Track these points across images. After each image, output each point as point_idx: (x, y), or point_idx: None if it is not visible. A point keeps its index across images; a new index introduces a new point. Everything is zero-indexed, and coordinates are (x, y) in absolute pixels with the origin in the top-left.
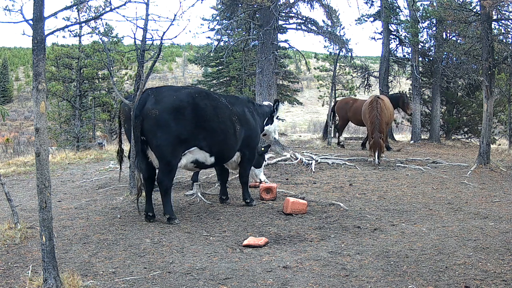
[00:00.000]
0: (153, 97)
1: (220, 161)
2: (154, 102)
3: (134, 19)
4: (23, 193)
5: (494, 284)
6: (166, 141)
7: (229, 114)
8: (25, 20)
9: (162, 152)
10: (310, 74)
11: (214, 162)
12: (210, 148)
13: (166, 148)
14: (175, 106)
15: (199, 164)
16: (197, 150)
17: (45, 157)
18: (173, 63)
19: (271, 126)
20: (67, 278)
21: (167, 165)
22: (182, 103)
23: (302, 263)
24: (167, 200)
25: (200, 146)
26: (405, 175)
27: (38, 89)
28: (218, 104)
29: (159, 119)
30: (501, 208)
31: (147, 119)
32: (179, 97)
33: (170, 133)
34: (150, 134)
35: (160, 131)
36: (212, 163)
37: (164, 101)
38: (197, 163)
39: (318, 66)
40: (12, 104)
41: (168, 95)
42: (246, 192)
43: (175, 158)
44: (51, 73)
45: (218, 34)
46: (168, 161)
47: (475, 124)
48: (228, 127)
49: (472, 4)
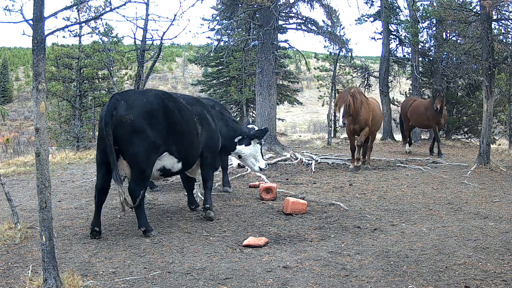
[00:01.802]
0: (123, 102)
1: (186, 167)
2: (127, 108)
3: (134, 19)
4: (23, 193)
5: (494, 284)
6: (143, 149)
7: (191, 115)
8: (25, 20)
9: (138, 161)
10: (310, 74)
11: (180, 169)
12: (179, 153)
13: (142, 156)
14: (148, 110)
15: (166, 172)
16: (166, 156)
17: (45, 157)
18: (173, 63)
19: (247, 149)
20: (67, 278)
21: (141, 174)
22: (154, 106)
23: (302, 263)
24: (141, 211)
25: (170, 151)
26: (405, 175)
27: (38, 89)
28: (181, 105)
29: (135, 125)
30: (501, 208)
31: (120, 126)
32: (149, 100)
33: (147, 139)
34: (125, 142)
35: (137, 138)
36: (179, 170)
37: (136, 105)
38: (164, 171)
39: (318, 66)
40: (12, 104)
41: (138, 99)
42: (208, 198)
43: (150, 167)
44: (51, 73)
45: (218, 34)
46: (143, 169)
47: (475, 124)
48: (192, 129)
49: (472, 4)
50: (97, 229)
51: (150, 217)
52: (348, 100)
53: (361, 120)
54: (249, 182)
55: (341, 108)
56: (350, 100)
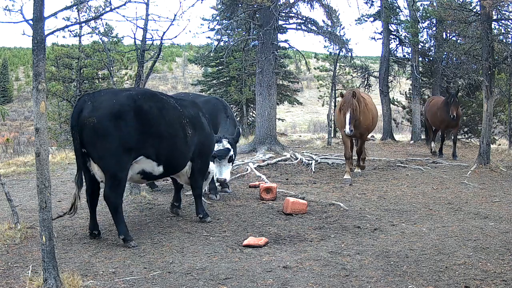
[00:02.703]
0: (90, 103)
1: (170, 171)
2: (92, 109)
3: (134, 19)
4: (23, 193)
5: (494, 284)
6: (109, 152)
7: (178, 117)
8: (25, 20)
9: (106, 165)
10: (310, 74)
11: (163, 172)
12: (158, 156)
13: (109, 159)
14: (114, 112)
15: (147, 175)
16: (143, 160)
17: (45, 157)
18: (173, 63)
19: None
20: (67, 278)
21: (113, 179)
22: (123, 107)
23: (302, 263)
24: (118, 218)
25: (147, 155)
26: (405, 175)
27: (38, 89)
28: (164, 105)
29: (98, 128)
30: (501, 208)
31: (85, 129)
32: (119, 100)
33: (112, 142)
34: (90, 145)
35: (101, 141)
36: (161, 173)
37: (102, 106)
38: (144, 174)
39: (318, 66)
40: (12, 104)
41: (106, 100)
42: (200, 206)
43: (121, 171)
44: (51, 73)
45: (218, 34)
46: (114, 173)
47: (475, 124)
48: (177, 132)
49: (472, 4)
50: (96, 232)
51: (150, 217)
52: (354, 104)
53: (363, 125)
54: (249, 182)
55: (347, 113)
56: (355, 104)
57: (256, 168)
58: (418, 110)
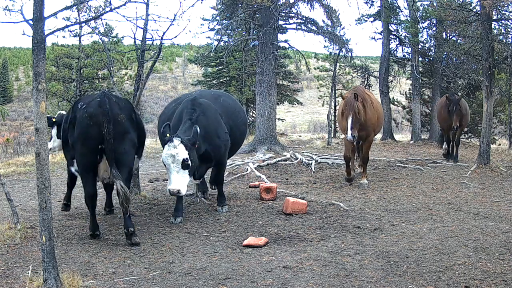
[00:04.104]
0: (107, 100)
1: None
2: (119, 108)
3: (134, 19)
4: (23, 193)
5: (494, 284)
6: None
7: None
8: (25, 20)
9: (127, 159)
10: (310, 74)
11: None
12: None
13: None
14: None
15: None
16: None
17: (45, 157)
18: (173, 63)
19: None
20: (67, 278)
21: (129, 172)
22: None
23: (302, 263)
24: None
25: None
26: (405, 175)
27: (38, 89)
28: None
29: (127, 124)
30: (501, 208)
31: (114, 123)
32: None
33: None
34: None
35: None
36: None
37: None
38: None
39: (318, 66)
40: (12, 104)
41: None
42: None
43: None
44: (51, 73)
45: (218, 34)
46: (131, 167)
47: (475, 124)
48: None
49: (472, 4)
50: (97, 233)
51: (150, 217)
52: (356, 107)
53: (369, 126)
54: (249, 182)
55: (349, 117)
56: (359, 107)
57: (256, 168)
58: (418, 110)
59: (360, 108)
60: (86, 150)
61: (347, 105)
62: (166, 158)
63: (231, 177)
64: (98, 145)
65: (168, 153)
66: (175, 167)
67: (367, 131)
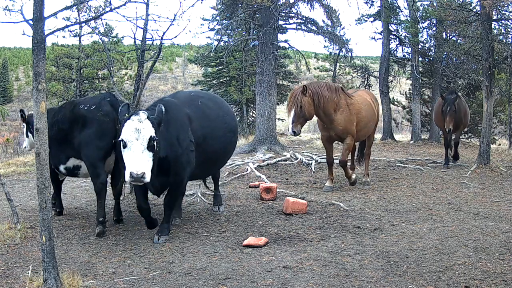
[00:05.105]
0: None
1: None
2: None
3: (134, 19)
4: (23, 193)
5: (494, 284)
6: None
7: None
8: (25, 20)
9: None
10: (310, 74)
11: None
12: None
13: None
14: None
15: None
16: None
17: (45, 157)
18: (173, 63)
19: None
20: (67, 278)
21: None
22: None
23: (302, 263)
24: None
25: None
26: (405, 175)
27: (38, 89)
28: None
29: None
30: (501, 208)
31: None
32: None
33: None
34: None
35: None
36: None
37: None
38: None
39: (318, 66)
40: (12, 104)
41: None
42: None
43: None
44: (51, 73)
45: (218, 34)
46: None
47: (475, 124)
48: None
49: (472, 4)
50: (105, 220)
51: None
52: (299, 101)
53: (336, 127)
54: (249, 182)
55: (291, 111)
56: (304, 101)
57: (256, 168)
58: (418, 110)
59: (305, 103)
60: (104, 144)
61: (290, 97)
62: (130, 134)
63: (231, 177)
64: (112, 139)
65: (132, 127)
66: (140, 146)
67: (336, 132)
